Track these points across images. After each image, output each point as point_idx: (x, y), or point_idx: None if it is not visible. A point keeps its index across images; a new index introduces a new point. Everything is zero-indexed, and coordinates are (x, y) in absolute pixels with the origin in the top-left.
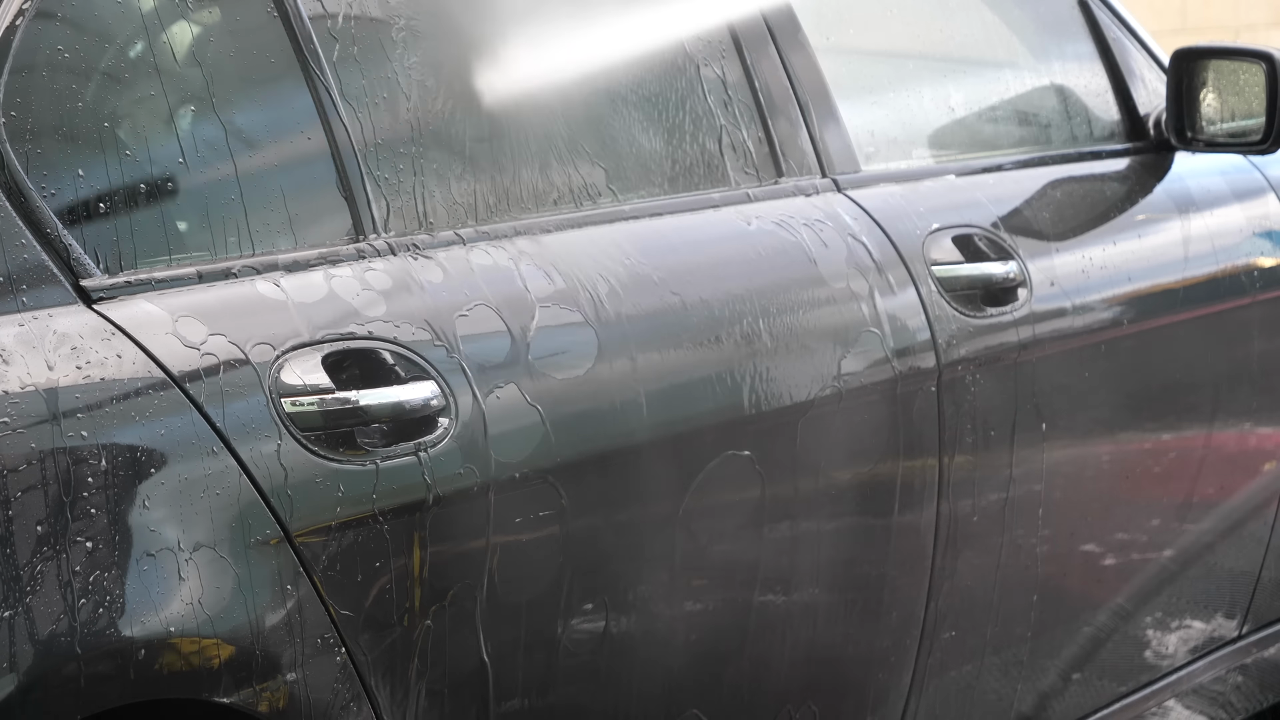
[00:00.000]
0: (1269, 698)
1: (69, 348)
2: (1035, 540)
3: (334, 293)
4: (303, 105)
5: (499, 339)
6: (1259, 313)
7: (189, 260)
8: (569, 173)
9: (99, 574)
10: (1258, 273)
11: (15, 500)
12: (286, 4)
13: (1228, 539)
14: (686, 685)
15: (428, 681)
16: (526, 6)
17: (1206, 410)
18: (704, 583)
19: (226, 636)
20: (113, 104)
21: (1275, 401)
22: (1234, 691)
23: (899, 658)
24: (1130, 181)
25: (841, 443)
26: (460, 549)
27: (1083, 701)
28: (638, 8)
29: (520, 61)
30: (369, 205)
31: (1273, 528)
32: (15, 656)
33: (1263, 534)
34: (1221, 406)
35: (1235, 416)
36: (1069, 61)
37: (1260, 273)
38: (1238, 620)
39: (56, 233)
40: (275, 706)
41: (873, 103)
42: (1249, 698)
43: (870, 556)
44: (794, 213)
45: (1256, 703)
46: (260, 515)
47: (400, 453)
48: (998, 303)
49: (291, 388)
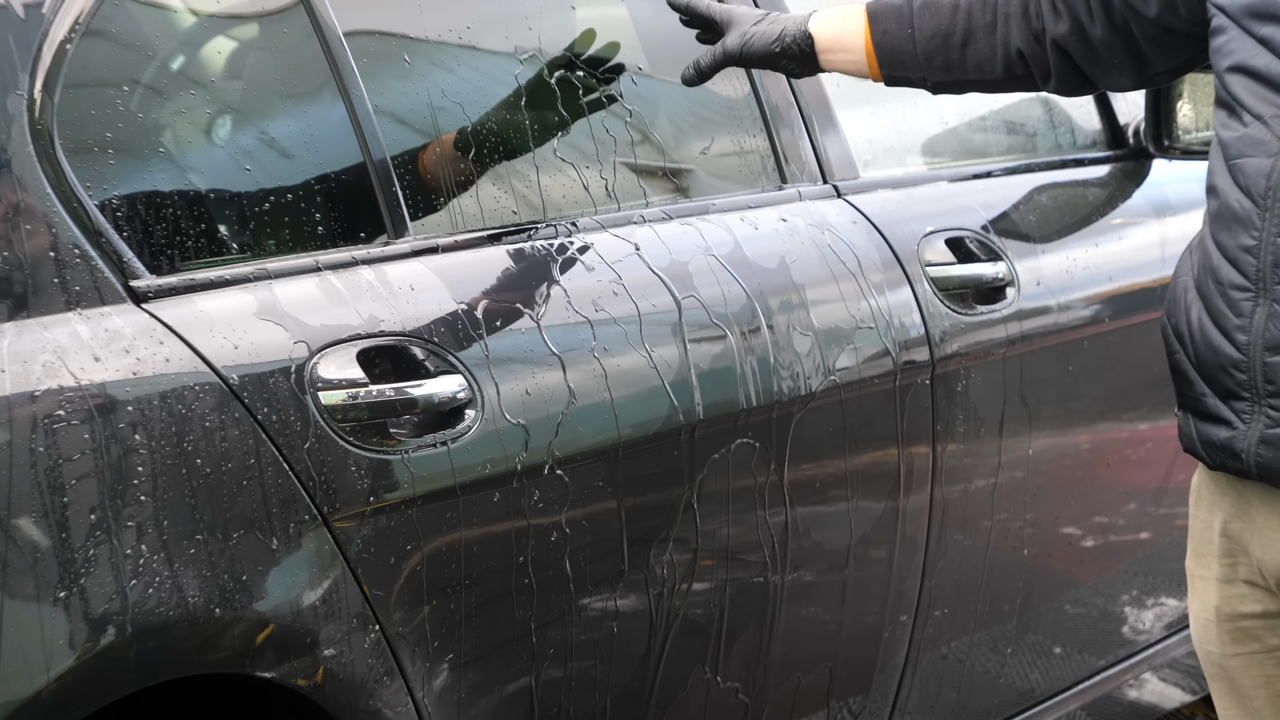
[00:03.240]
0: None
1: (121, 345)
2: (1021, 523)
3: (366, 292)
4: (335, 115)
5: (521, 334)
6: None
7: (230, 263)
8: (592, 179)
9: (148, 556)
10: None
11: (70, 487)
12: (321, 22)
13: None
14: (705, 655)
15: (454, 656)
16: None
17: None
18: (715, 562)
19: (268, 615)
20: (158, 116)
21: None
22: None
23: (895, 633)
24: (1111, 187)
25: (843, 431)
26: (484, 532)
27: (1065, 674)
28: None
29: (540, 73)
30: (399, 210)
31: None
32: (72, 634)
33: None
34: None
35: None
36: None
37: None
38: None
39: (108, 238)
40: (313, 680)
41: (870, 114)
42: None
43: (871, 538)
44: (798, 216)
45: None
46: (299, 501)
47: (429, 442)
48: (987, 301)
49: (328, 382)
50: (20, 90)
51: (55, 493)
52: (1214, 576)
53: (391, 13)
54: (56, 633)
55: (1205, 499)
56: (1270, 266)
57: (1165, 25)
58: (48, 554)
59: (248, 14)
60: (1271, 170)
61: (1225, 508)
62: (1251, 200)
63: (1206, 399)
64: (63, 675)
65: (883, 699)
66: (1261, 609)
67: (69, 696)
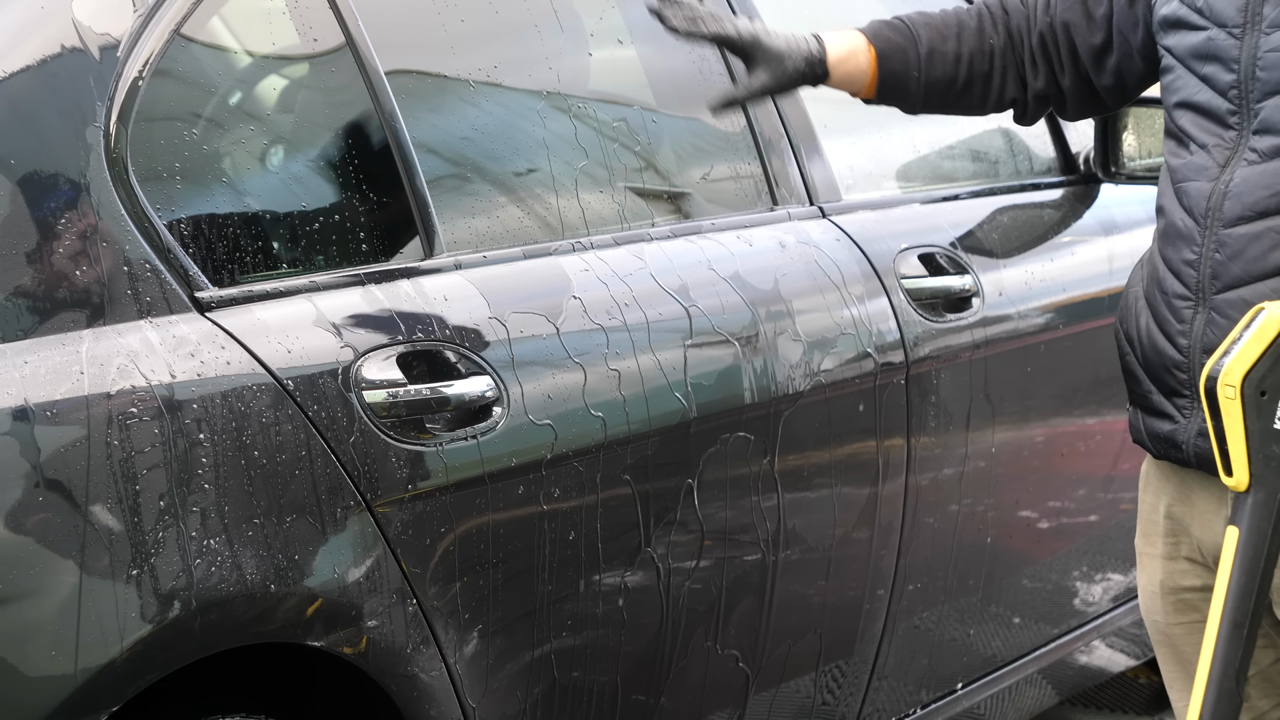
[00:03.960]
0: None
1: (187, 350)
2: (985, 507)
3: (405, 302)
4: (377, 143)
5: (543, 340)
6: None
7: (284, 276)
8: (605, 200)
9: (210, 538)
10: None
11: (142, 477)
12: (365, 62)
13: None
14: (706, 626)
15: (483, 626)
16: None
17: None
18: (714, 543)
19: (317, 590)
20: (219, 146)
21: None
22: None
23: (874, 605)
24: (1064, 209)
25: (827, 426)
26: (510, 516)
27: (1023, 641)
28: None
29: (560, 109)
30: (434, 229)
31: None
32: (143, 607)
33: None
34: None
35: None
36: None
37: None
38: None
39: (176, 254)
40: (358, 649)
41: (851, 143)
42: None
43: (853, 521)
44: (787, 235)
45: None
46: (345, 489)
47: (461, 436)
48: (955, 310)
49: (371, 382)
50: (98, 123)
51: (128, 482)
52: (1159, 554)
53: (427, 54)
54: (130, 606)
55: (1152, 485)
56: (1209, 278)
57: (1121, 73)
58: (121, 537)
59: (298, 55)
60: (1212, 193)
61: (1169, 493)
62: (1194, 219)
63: (1152, 396)
64: (135, 644)
65: (863, 664)
66: (1200, 583)
67: (141, 662)
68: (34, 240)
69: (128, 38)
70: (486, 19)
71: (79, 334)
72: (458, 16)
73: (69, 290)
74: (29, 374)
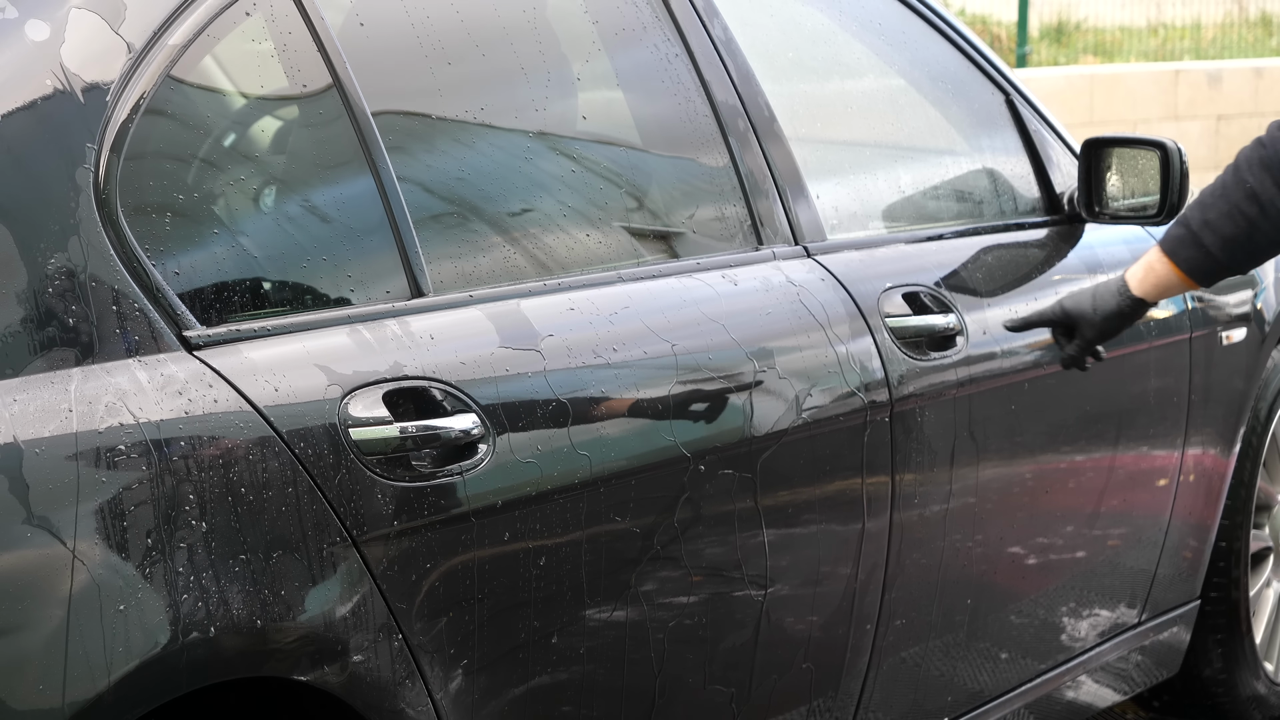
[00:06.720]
0: (1164, 673)
1: (175, 388)
2: (971, 544)
3: (392, 341)
4: (364, 185)
5: (528, 378)
6: (1154, 356)
7: (272, 315)
8: (590, 240)
9: (198, 574)
10: (1153, 323)
11: (130, 513)
12: (352, 104)
13: (1129, 542)
14: (694, 660)
15: (468, 662)
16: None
17: (1111, 437)
18: (702, 578)
19: (303, 625)
20: (208, 186)
21: (1168, 430)
22: (1135, 669)
23: (859, 640)
24: (1048, 248)
25: (812, 463)
26: (495, 553)
27: (1009, 677)
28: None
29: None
30: (421, 269)
31: (1166, 533)
32: (129, 642)
33: (1158, 538)
34: (1124, 434)
35: (1135, 442)
36: (998, 149)
37: (1155, 323)
38: (1138, 609)
39: (164, 293)
40: (343, 683)
41: (836, 183)
42: (1147, 673)
43: (838, 556)
44: (772, 275)
45: (1154, 677)
46: (331, 525)
47: (446, 473)
48: (940, 348)
49: (358, 420)
50: (87, 164)
51: (116, 519)
52: None
53: (414, 96)
54: (117, 641)
55: None
56: None
57: None
58: (110, 572)
59: (287, 96)
60: None
61: None
62: None
63: None
64: (123, 678)
65: (849, 698)
66: None
67: (128, 697)
68: (24, 279)
69: (118, 79)
70: (475, 64)
71: (68, 372)
72: (445, 60)
73: (58, 329)
74: (18, 412)
